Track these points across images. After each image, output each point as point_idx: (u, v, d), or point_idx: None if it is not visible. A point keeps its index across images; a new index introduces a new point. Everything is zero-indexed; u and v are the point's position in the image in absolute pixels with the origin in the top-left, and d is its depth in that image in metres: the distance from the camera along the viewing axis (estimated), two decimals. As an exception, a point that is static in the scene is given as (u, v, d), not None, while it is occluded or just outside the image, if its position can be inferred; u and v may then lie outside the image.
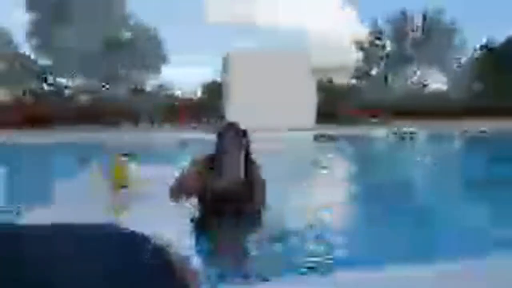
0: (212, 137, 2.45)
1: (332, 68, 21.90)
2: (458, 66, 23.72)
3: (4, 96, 18.86)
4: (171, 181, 2.46)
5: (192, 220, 2.38)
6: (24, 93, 19.22)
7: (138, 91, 20.49)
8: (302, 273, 2.00)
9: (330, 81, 22.35)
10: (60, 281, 0.23)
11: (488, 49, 23.45)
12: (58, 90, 20.06)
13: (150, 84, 21.46)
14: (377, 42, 23.28)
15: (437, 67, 23.48)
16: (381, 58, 23.29)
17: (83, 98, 19.48)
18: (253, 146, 2.46)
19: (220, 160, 2.32)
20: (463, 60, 23.88)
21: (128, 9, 20.41)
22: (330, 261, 2.11)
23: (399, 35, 23.14)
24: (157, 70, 21.28)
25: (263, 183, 2.48)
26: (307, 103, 16.73)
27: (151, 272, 0.25)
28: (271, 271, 1.95)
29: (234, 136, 2.34)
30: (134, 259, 0.26)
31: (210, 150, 2.42)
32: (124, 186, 2.03)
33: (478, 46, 23.82)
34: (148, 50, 20.39)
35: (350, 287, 1.58)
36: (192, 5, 35.08)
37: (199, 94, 22.28)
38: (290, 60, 16.57)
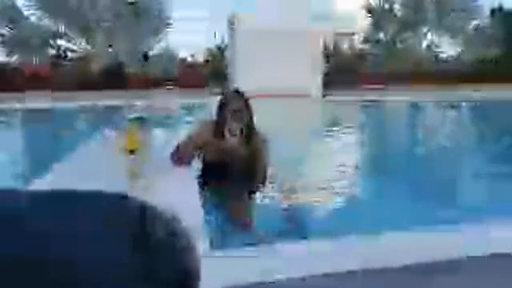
0: (215, 102, 2.44)
1: (341, 33, 21.36)
2: (471, 30, 22.92)
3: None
4: (174, 146, 2.52)
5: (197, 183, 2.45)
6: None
7: (144, 56, 20.25)
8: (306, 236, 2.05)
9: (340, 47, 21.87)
10: (59, 252, 0.23)
11: (503, 12, 22.56)
12: (64, 55, 19.92)
13: (156, 48, 21.13)
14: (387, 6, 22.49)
15: (449, 32, 22.73)
16: (391, 23, 22.58)
17: (89, 63, 19.34)
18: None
19: (222, 127, 2.33)
20: (477, 24, 23.03)
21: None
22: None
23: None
24: (162, 34, 20.85)
25: (265, 154, 2.44)
26: (313, 68, 16.51)
27: (153, 244, 0.25)
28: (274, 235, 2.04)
29: (236, 103, 2.33)
30: (134, 230, 0.25)
31: (213, 116, 2.42)
32: (132, 151, 2.10)
33: (494, 8, 22.89)
34: (153, 12, 19.94)
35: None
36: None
37: (202, 59, 21.92)
38: (294, 24, 16.19)
